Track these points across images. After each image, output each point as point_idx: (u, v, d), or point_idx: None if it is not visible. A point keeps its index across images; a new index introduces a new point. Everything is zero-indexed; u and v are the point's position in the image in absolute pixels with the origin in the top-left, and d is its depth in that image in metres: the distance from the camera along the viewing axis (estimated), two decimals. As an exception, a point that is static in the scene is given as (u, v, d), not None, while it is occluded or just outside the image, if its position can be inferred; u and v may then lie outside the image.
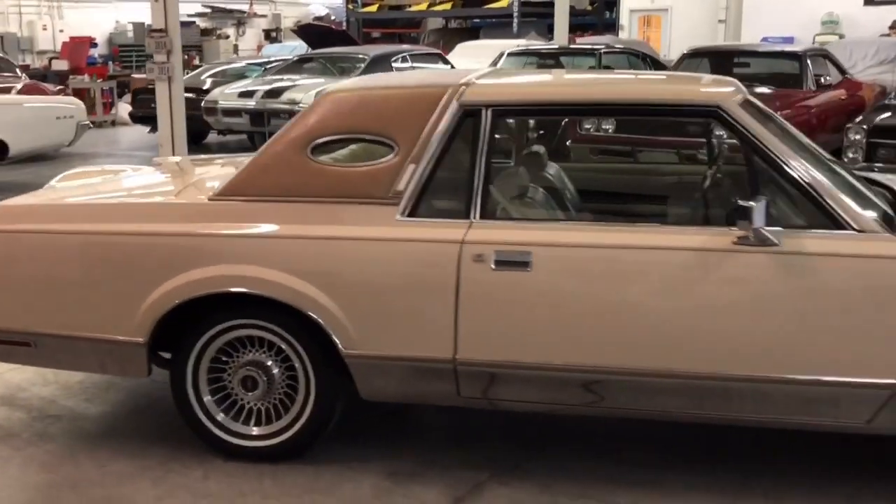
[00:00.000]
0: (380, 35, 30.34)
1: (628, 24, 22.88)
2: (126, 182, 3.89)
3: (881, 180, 3.71)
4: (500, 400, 3.20)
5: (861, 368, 2.87)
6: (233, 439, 3.36)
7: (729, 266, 2.91)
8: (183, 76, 9.89)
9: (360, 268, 3.10)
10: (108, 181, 3.93)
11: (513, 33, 23.30)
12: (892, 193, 3.49)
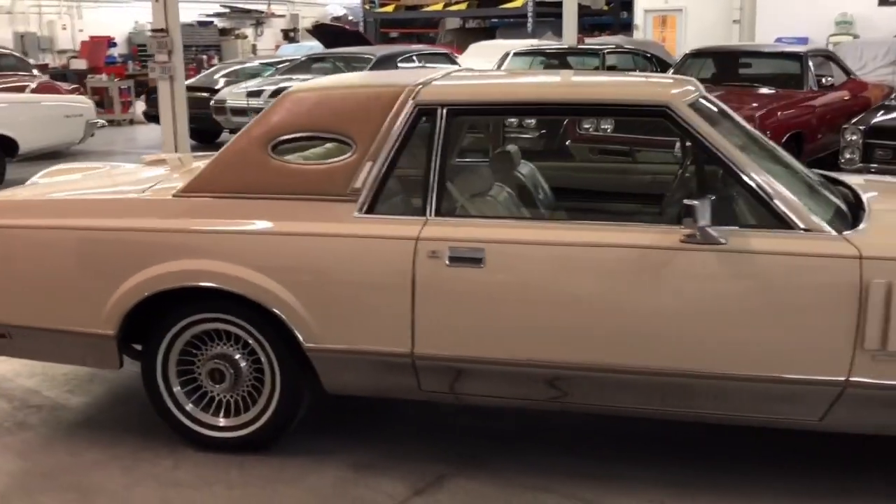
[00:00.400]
0: (397, 35, 30.52)
1: (643, 24, 22.82)
2: (101, 179, 3.99)
3: (843, 180, 3.75)
4: (460, 394, 3.27)
5: (808, 366, 2.92)
6: (201, 429, 3.46)
7: (677, 264, 2.96)
8: (194, 76, 10.03)
9: (318, 263, 3.18)
10: (87, 178, 4.04)
11: (528, 33, 23.37)
12: (854, 193, 3.52)
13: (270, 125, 3.34)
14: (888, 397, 2.90)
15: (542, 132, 9.55)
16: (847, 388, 2.90)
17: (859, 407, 2.94)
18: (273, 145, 3.32)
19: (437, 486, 3.21)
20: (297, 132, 3.34)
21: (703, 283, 2.95)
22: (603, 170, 4.95)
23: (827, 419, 3.00)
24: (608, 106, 3.25)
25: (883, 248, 2.87)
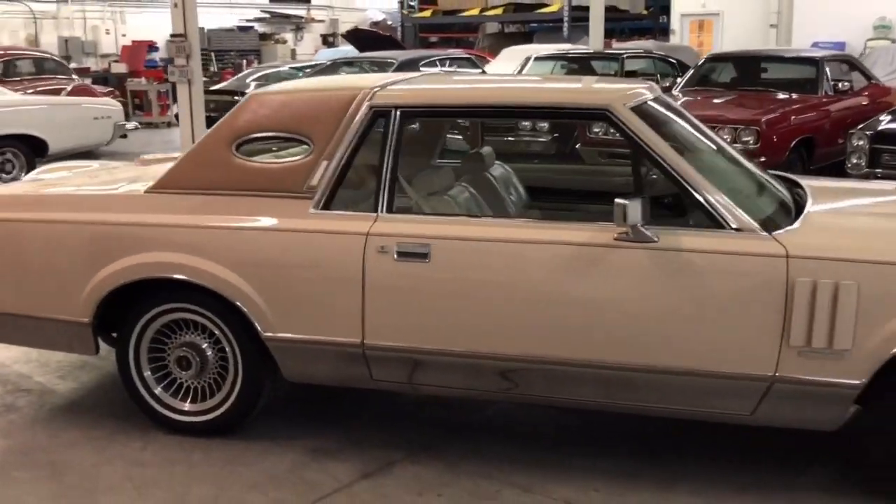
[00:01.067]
0: (437, 39, 30.76)
1: (679, 28, 22.74)
2: (86, 177, 4.20)
3: (800, 181, 3.82)
4: (410, 384, 3.41)
5: (738, 361, 3.01)
6: (169, 413, 3.65)
7: (610, 261, 3.08)
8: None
9: (275, 257, 3.35)
10: (75, 175, 4.26)
11: (563, 38, 23.40)
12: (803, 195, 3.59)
13: (234, 126, 3.52)
14: (814, 392, 2.98)
15: (553, 136, 9.68)
16: (775, 383, 2.99)
17: (788, 402, 3.03)
18: (237, 145, 3.50)
19: (385, 472, 3.36)
20: (260, 132, 3.52)
21: (636, 279, 3.06)
22: (588, 172, 5.06)
23: (758, 413, 3.09)
24: (553, 109, 3.38)
25: (809, 248, 2.96)
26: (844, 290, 2.88)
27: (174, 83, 9.34)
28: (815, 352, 2.93)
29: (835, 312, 2.89)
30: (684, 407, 3.17)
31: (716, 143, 3.79)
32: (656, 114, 3.45)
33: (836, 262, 2.91)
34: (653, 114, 3.40)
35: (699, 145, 3.65)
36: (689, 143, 3.56)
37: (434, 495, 3.19)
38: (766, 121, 7.76)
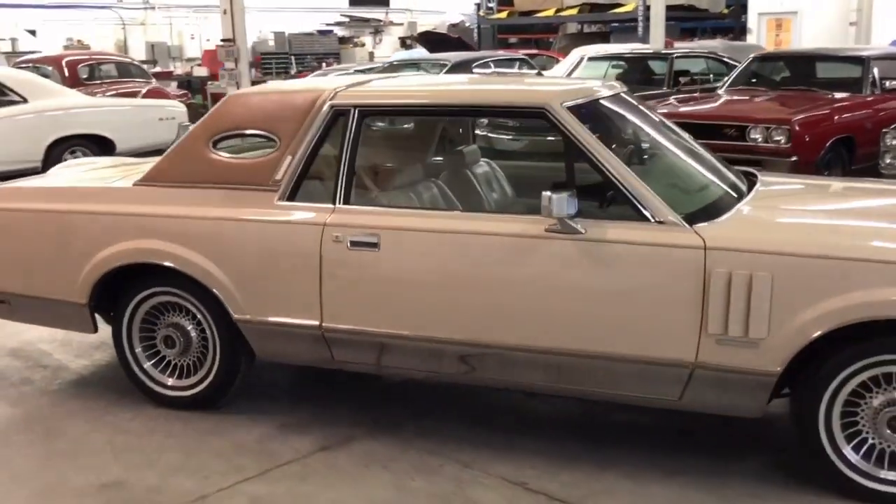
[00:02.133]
0: (516, 41, 30.90)
1: (757, 27, 22.36)
2: (96, 171, 4.58)
3: (760, 177, 3.91)
4: (370, 365, 3.66)
5: (661, 347, 3.16)
6: (156, 387, 3.98)
7: (541, 251, 3.26)
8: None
9: (243, 245, 3.64)
10: (88, 169, 4.64)
11: (638, 37, 23.27)
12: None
13: (211, 124, 3.83)
14: (733, 379, 3.10)
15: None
16: (696, 369, 3.13)
17: (710, 388, 3.16)
18: (214, 142, 3.80)
19: (342, 446, 3.61)
20: (233, 130, 3.82)
21: (564, 269, 3.24)
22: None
23: (685, 399, 3.22)
24: (495, 108, 3.59)
25: (726, 240, 3.09)
26: (758, 280, 3.00)
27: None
28: (732, 340, 3.06)
29: (749, 302, 3.02)
30: (616, 391, 3.33)
31: (674, 141, 3.92)
32: (606, 112, 3.62)
33: (750, 253, 3.04)
34: (600, 112, 3.57)
35: (649, 142, 3.79)
36: (638, 140, 3.71)
37: (380, 468, 3.42)
38: (798, 120, 7.71)
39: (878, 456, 3.06)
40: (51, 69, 14.10)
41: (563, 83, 3.91)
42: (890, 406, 3.01)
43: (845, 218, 3.42)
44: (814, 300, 2.97)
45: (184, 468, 3.44)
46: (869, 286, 2.92)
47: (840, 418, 3.08)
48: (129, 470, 3.43)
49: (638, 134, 3.87)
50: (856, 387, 3.04)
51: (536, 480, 3.29)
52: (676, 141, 3.95)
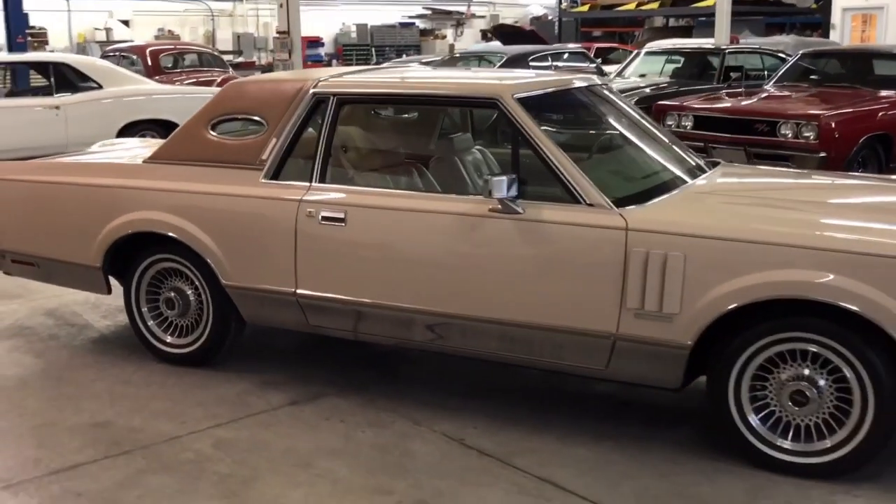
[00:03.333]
0: (600, 34, 30.84)
1: (841, 22, 21.87)
2: (118, 149, 5.06)
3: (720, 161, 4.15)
4: (339, 330, 4.01)
5: (587, 319, 3.43)
6: (158, 344, 4.43)
7: (486, 229, 3.57)
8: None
9: (231, 218, 4.04)
10: (115, 148, 5.14)
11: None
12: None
13: (211, 109, 4.26)
14: (651, 351, 3.35)
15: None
16: (617, 340, 3.39)
17: (632, 358, 3.41)
18: (212, 124, 4.22)
19: (311, 401, 3.99)
20: (229, 114, 4.24)
21: (505, 246, 3.54)
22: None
23: (611, 368, 3.48)
24: (453, 98, 3.90)
25: (646, 222, 3.34)
26: (672, 260, 3.25)
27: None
28: (649, 314, 3.31)
29: (664, 279, 3.26)
30: (552, 360, 3.60)
31: (636, 131, 4.17)
32: (561, 103, 3.92)
33: (666, 235, 3.28)
34: (554, 103, 3.86)
35: (609, 132, 4.05)
36: (599, 130, 3.97)
37: (338, 421, 3.79)
38: (827, 116, 7.75)
39: (783, 428, 3.27)
40: (135, 58, 14.96)
41: (521, 77, 4.19)
42: (795, 380, 3.22)
43: (772, 206, 3.61)
44: (722, 279, 3.20)
45: (166, 414, 3.87)
46: (772, 268, 3.13)
47: (749, 391, 3.29)
48: (119, 413, 3.88)
49: (599, 124, 4.13)
50: (764, 361, 3.25)
51: (474, 438, 3.61)
52: (639, 131, 4.20)
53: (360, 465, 3.40)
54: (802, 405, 3.22)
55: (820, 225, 3.31)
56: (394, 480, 3.28)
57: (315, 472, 3.35)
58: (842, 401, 3.19)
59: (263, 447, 3.56)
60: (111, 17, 22.07)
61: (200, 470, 3.37)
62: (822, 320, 3.14)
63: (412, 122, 4.64)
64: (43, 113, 10.00)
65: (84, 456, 3.48)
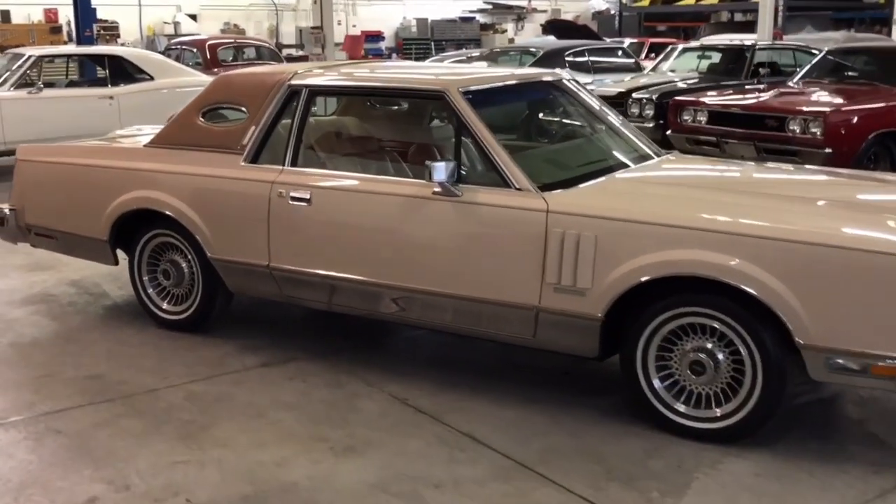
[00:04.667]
0: (665, 29, 30.75)
1: (904, 18, 21.41)
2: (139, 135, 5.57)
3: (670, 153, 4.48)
4: (309, 301, 4.44)
5: (515, 293, 3.78)
6: (156, 310, 4.93)
7: (428, 210, 3.95)
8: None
9: (216, 197, 4.51)
10: (130, 134, 5.66)
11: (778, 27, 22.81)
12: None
13: (202, 98, 4.73)
14: (568, 322, 3.69)
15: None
16: (540, 312, 3.74)
17: (553, 328, 3.75)
18: (203, 112, 4.69)
19: (280, 364, 4.43)
20: (217, 103, 4.71)
21: (445, 225, 3.91)
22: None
23: (538, 338, 3.83)
24: (405, 91, 4.30)
25: (564, 206, 3.68)
26: (585, 239, 3.59)
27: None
28: (565, 288, 3.65)
29: (577, 257, 3.60)
30: (493, 330, 3.96)
31: (591, 123, 4.52)
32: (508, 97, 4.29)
33: (580, 217, 3.62)
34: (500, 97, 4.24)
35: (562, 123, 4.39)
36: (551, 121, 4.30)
37: (300, 381, 4.22)
38: (832, 112, 7.89)
39: (687, 395, 3.58)
40: (195, 51, 15.68)
41: (471, 73, 4.56)
42: (696, 352, 3.53)
43: (685, 191, 3.91)
44: (628, 257, 3.52)
45: (152, 370, 4.35)
46: (671, 247, 3.45)
47: (656, 360, 3.61)
48: (112, 369, 4.38)
49: (553, 116, 4.46)
50: (671, 333, 3.56)
51: (416, 399, 4.00)
52: (593, 123, 4.53)
53: (307, 418, 3.82)
54: (700, 374, 3.53)
55: (725, 209, 3.58)
56: (332, 430, 3.69)
57: (266, 421, 3.79)
58: (738, 372, 3.49)
59: (227, 400, 4.01)
60: (179, 12, 23.00)
61: (168, 416, 3.84)
62: (720, 298, 3.44)
63: (376, 112, 5.04)
64: (98, 102, 10.70)
65: (71, 402, 3.99)
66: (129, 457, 3.47)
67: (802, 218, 3.47)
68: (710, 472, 3.34)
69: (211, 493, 3.20)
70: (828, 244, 3.24)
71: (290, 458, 3.46)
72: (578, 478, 3.30)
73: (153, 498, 3.17)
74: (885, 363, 3.20)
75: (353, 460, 3.45)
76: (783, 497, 3.17)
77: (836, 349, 3.25)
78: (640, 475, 3.32)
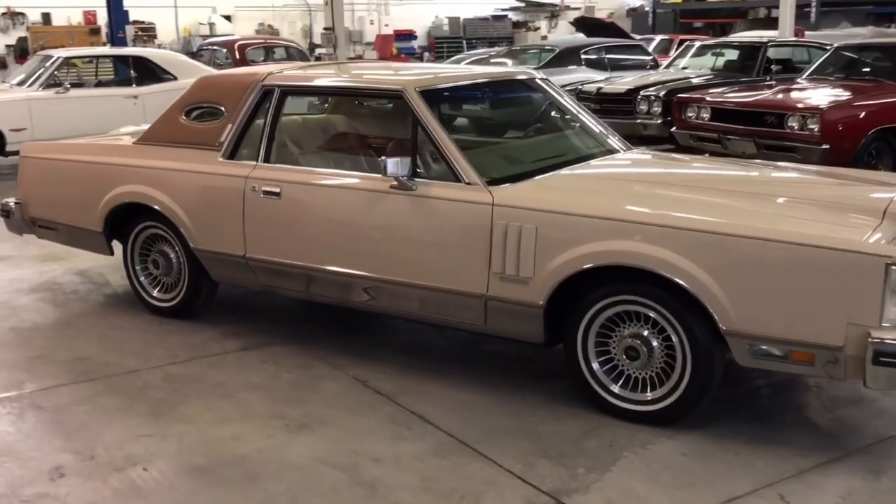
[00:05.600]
0: (701, 25, 30.60)
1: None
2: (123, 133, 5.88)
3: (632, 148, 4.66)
4: (283, 289, 4.69)
5: (465, 282, 3.98)
6: (147, 297, 5.22)
7: (386, 203, 4.17)
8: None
9: (196, 191, 4.77)
10: (133, 131, 5.96)
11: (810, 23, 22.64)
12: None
13: (185, 98, 5.01)
14: (514, 309, 3.88)
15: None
16: (488, 300, 3.94)
17: (501, 316, 3.95)
18: (185, 111, 4.97)
19: (258, 348, 4.68)
20: (198, 103, 4.97)
21: (401, 218, 4.13)
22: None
23: (489, 325, 4.03)
24: (367, 90, 4.54)
25: (509, 199, 3.87)
26: (526, 231, 3.78)
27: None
28: (509, 277, 3.85)
29: (519, 248, 3.80)
30: (449, 317, 4.17)
31: (552, 120, 4.71)
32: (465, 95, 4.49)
33: (523, 210, 3.81)
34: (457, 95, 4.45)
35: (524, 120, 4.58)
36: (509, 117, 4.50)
37: (272, 364, 4.47)
38: (828, 109, 7.95)
39: (624, 379, 3.76)
40: (225, 52, 16.09)
41: (431, 73, 4.77)
42: (632, 338, 3.70)
43: (636, 185, 4.08)
44: (565, 248, 3.70)
45: (136, 353, 4.63)
46: (605, 238, 3.62)
47: (595, 345, 3.79)
48: (101, 351, 4.67)
49: (521, 112, 4.65)
50: (608, 320, 3.74)
51: (377, 381, 4.22)
52: (556, 120, 4.73)
53: (271, 397, 4.07)
54: (634, 359, 3.71)
55: (659, 203, 3.74)
56: (291, 409, 3.93)
57: (233, 400, 4.05)
58: (671, 358, 3.65)
59: (200, 381, 4.27)
60: (214, 13, 23.49)
61: (142, 395, 4.12)
62: (652, 288, 3.61)
63: (343, 110, 5.28)
64: (123, 102, 11.11)
65: (57, 381, 4.28)
66: (99, 431, 3.75)
67: (731, 212, 3.61)
68: (639, 452, 3.52)
69: (167, 463, 3.46)
70: (749, 236, 3.39)
71: (247, 433, 3.71)
72: (512, 454, 3.49)
73: (114, 467, 3.43)
74: (803, 349, 3.35)
75: (305, 436, 3.68)
76: (703, 475, 3.34)
77: (757, 335, 3.40)
78: (572, 453, 3.51)
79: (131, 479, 3.34)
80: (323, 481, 3.32)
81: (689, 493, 3.21)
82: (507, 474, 3.35)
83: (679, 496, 3.19)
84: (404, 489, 3.26)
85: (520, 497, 3.20)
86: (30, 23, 21.63)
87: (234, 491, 3.26)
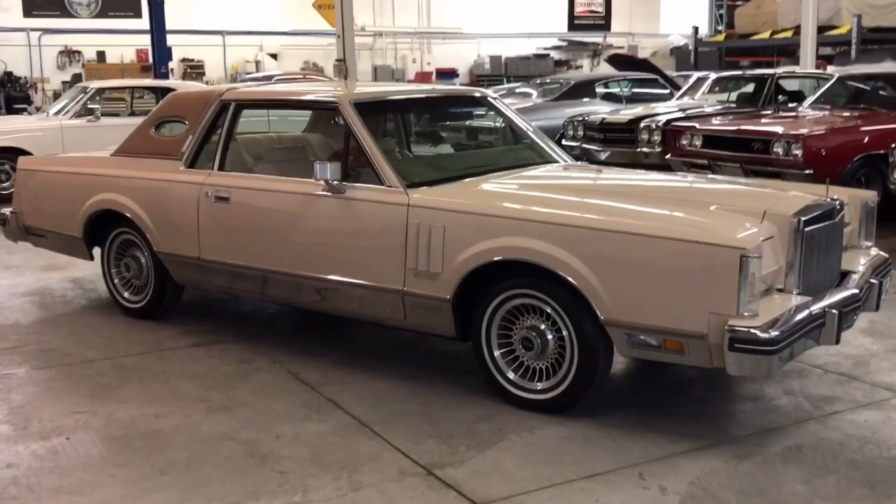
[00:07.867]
0: (747, 63, 30.60)
1: None
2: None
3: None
4: (233, 290, 5.03)
5: (385, 278, 4.27)
6: (121, 299, 5.61)
7: (318, 205, 4.49)
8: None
9: (159, 198, 5.16)
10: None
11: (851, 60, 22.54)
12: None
13: (156, 113, 5.44)
14: (427, 304, 4.15)
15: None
16: (405, 295, 4.21)
17: (418, 310, 4.21)
18: (156, 125, 5.38)
19: (210, 345, 5.01)
20: (167, 117, 5.39)
21: (332, 219, 4.45)
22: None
23: (409, 320, 4.30)
24: (310, 102, 4.89)
25: (422, 201, 4.16)
26: (435, 229, 4.06)
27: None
28: (422, 273, 4.12)
29: (430, 245, 4.07)
30: (375, 313, 4.44)
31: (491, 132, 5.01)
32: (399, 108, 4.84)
33: (433, 210, 4.10)
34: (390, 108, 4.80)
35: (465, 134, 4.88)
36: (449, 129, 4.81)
37: (216, 358, 4.79)
38: (810, 136, 8.07)
39: (525, 369, 3.98)
40: (262, 86, 16.74)
41: (365, 89, 5.10)
42: (529, 329, 3.93)
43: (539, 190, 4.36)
44: (469, 245, 3.97)
45: (98, 347, 5.00)
46: (504, 235, 3.87)
47: (498, 337, 4.03)
48: (66, 344, 5.06)
49: (457, 126, 4.96)
50: (509, 313, 3.98)
51: (307, 373, 4.51)
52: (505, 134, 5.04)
53: (203, 385, 4.38)
54: (529, 350, 3.94)
55: (553, 204, 3.99)
56: (216, 394, 4.24)
57: (167, 387, 4.37)
58: (563, 349, 3.87)
59: (145, 370, 4.62)
60: (261, 51, 24.34)
61: (88, 380, 4.47)
62: (543, 282, 3.84)
63: (290, 122, 5.64)
64: (151, 130, 11.67)
65: (19, 368, 4.67)
66: (41, 407, 4.11)
67: (612, 212, 3.83)
68: (524, 435, 3.73)
69: (89, 434, 3.79)
70: (621, 231, 3.62)
71: (169, 412, 4.02)
72: (404, 435, 3.74)
73: (41, 436, 3.77)
74: (673, 338, 3.55)
75: (221, 416, 3.98)
76: (575, 455, 3.54)
77: (633, 325, 3.61)
78: (460, 434, 3.74)
79: (52, 446, 3.67)
80: (221, 452, 3.60)
81: (553, 469, 3.41)
82: (393, 450, 3.60)
83: (544, 472, 3.40)
84: (292, 460, 3.52)
85: (395, 468, 3.44)
86: (85, 60, 22.70)
87: (138, 457, 3.56)
